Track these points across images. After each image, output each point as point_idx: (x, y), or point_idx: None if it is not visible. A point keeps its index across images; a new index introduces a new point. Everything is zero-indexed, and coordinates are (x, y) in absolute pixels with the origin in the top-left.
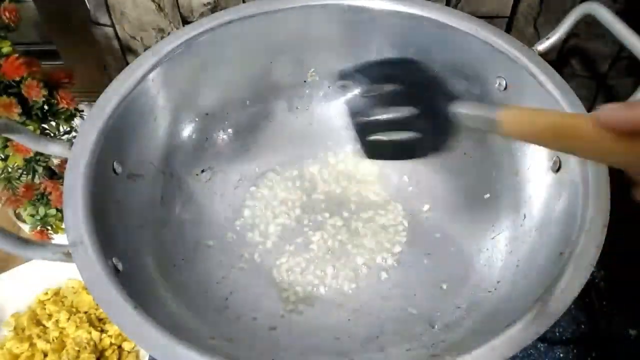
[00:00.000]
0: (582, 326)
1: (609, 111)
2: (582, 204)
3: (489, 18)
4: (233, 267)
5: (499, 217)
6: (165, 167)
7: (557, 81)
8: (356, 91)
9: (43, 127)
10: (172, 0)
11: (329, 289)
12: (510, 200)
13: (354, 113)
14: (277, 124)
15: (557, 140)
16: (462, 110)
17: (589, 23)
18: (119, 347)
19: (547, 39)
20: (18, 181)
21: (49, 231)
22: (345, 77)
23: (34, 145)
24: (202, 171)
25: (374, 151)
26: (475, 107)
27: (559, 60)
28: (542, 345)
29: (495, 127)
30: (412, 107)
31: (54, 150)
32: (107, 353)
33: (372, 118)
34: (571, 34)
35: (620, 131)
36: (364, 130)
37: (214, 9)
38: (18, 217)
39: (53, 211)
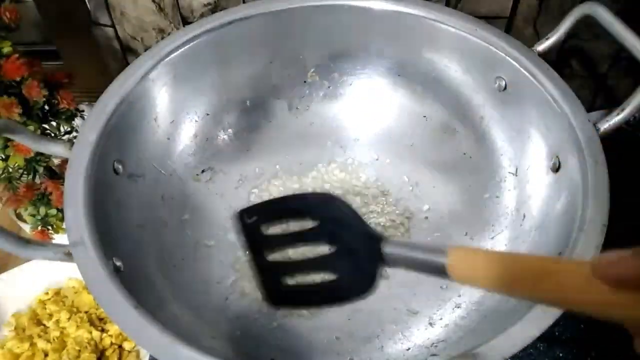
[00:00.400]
0: (582, 326)
1: (613, 261)
2: (582, 204)
3: (488, 18)
4: (233, 267)
5: (499, 217)
6: (166, 167)
7: (557, 81)
8: (261, 229)
9: (44, 127)
10: (172, 0)
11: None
12: (510, 200)
13: (257, 254)
14: (277, 124)
15: (537, 289)
16: (395, 251)
17: (589, 23)
18: (120, 346)
19: (547, 39)
20: (19, 181)
21: (50, 231)
22: (247, 214)
23: (34, 145)
24: (203, 171)
25: (281, 297)
26: (412, 248)
27: (558, 60)
28: (541, 345)
29: (443, 272)
30: (328, 245)
31: (55, 150)
32: (108, 353)
33: (278, 259)
34: (571, 35)
35: (625, 283)
36: (269, 273)
37: (215, 9)
38: (19, 217)
39: (54, 211)
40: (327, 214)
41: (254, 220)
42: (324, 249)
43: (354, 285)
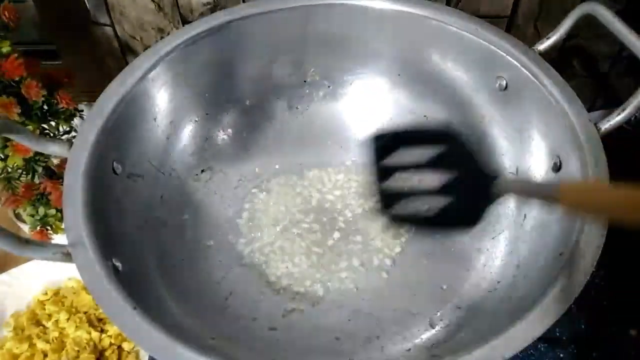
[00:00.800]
0: (582, 326)
1: None
2: None
3: (489, 18)
4: (233, 267)
5: (499, 217)
6: (165, 167)
7: (558, 81)
8: (391, 156)
9: (43, 127)
10: (171, 0)
11: (329, 290)
12: (511, 200)
13: (383, 175)
14: (277, 124)
15: None
16: (510, 185)
17: (590, 23)
18: (119, 347)
19: (548, 38)
20: (18, 181)
21: (49, 231)
22: (382, 139)
23: (33, 145)
24: (202, 171)
25: (395, 215)
26: (527, 184)
27: (559, 60)
28: (542, 345)
29: (554, 200)
30: (449, 173)
31: (54, 150)
32: (107, 353)
33: (401, 185)
34: (571, 34)
35: None
36: (391, 196)
37: (214, 8)
38: (18, 217)
39: (53, 211)
40: (448, 147)
41: (382, 145)
42: (441, 178)
43: (461, 216)
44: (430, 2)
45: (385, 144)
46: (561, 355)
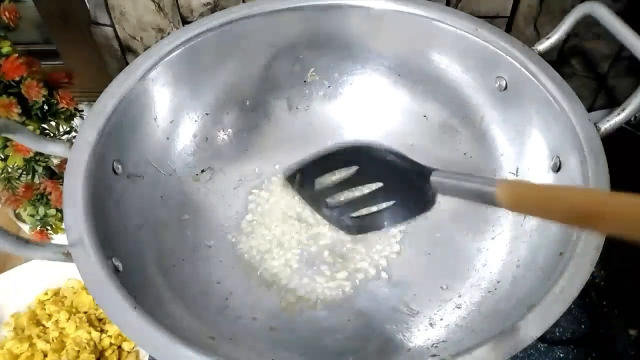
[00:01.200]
0: (582, 326)
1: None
2: None
3: (489, 18)
4: (233, 267)
5: (499, 217)
6: (165, 167)
7: (557, 81)
8: (313, 183)
9: (43, 127)
10: (172, 0)
11: (329, 289)
12: None
13: (317, 206)
14: (277, 124)
15: (585, 218)
16: (445, 180)
17: (589, 23)
18: (119, 347)
19: (547, 38)
20: (18, 181)
21: (49, 231)
22: (294, 175)
23: (33, 145)
24: (202, 171)
25: (357, 227)
26: (461, 180)
27: (559, 60)
28: (542, 345)
29: (492, 200)
30: (377, 182)
31: (54, 150)
32: (107, 353)
33: (343, 200)
34: (571, 34)
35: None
36: (340, 213)
37: (214, 9)
38: (18, 217)
39: (53, 211)
40: (369, 158)
41: (302, 179)
42: (376, 185)
43: (413, 206)
44: (430, 2)
45: (303, 177)
46: (561, 355)
